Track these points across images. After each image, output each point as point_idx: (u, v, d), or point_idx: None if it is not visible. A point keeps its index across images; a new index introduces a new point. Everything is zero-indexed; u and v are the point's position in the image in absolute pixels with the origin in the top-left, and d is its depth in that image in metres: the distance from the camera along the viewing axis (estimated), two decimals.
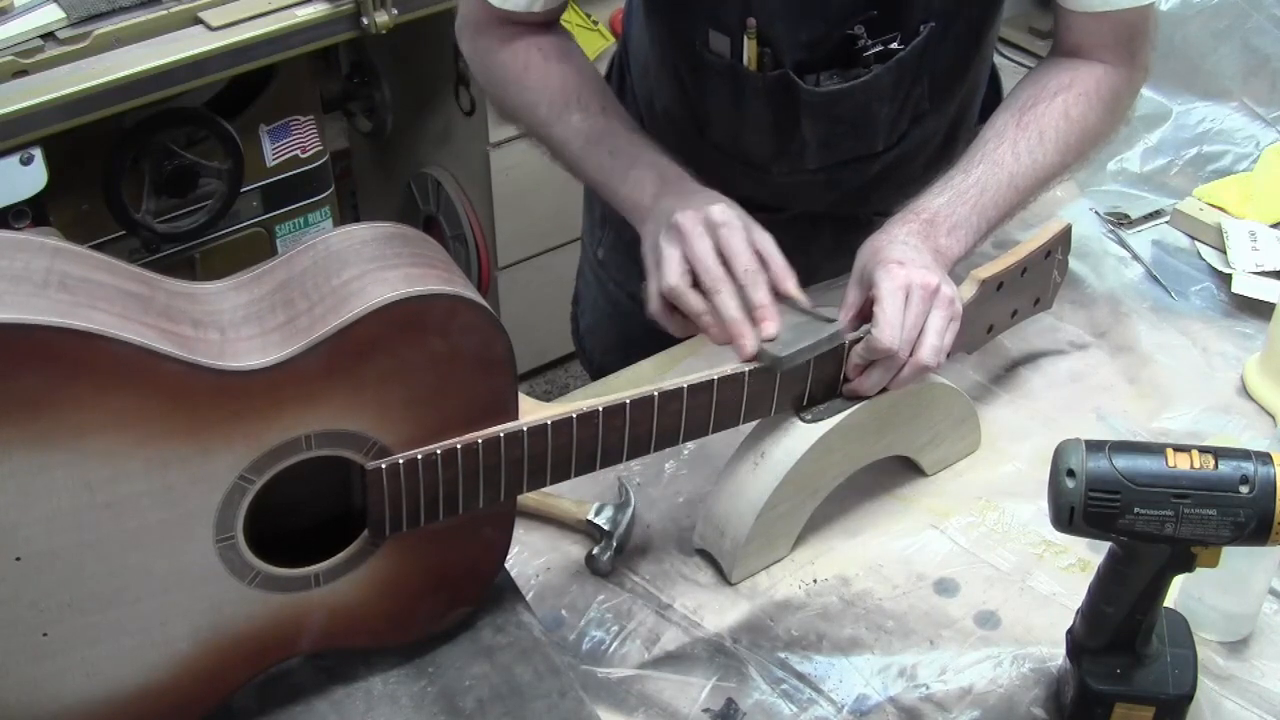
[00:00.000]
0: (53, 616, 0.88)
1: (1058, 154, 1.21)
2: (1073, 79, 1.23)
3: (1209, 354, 1.40)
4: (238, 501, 0.91)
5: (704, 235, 1.09)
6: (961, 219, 1.17)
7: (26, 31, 1.81)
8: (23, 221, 1.86)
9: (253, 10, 1.94)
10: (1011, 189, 1.20)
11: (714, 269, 1.08)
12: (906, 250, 1.12)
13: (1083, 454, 0.91)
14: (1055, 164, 1.22)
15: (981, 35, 1.31)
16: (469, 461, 0.97)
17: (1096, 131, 1.24)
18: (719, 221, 1.10)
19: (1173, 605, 1.04)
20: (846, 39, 1.21)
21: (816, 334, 1.08)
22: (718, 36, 1.24)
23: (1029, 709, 1.06)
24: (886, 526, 1.22)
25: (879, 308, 1.08)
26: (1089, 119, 1.22)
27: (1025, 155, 1.20)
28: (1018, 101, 1.24)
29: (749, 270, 1.08)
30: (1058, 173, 1.23)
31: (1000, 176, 1.19)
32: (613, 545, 1.17)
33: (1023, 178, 1.20)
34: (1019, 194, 1.21)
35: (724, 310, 1.07)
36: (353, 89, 2.57)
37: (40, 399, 0.82)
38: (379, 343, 0.90)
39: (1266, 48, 1.74)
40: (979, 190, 1.18)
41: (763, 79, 1.24)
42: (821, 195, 1.38)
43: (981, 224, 1.19)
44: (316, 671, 1.03)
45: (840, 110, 1.26)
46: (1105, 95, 1.23)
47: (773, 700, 1.07)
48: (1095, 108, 1.23)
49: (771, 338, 1.06)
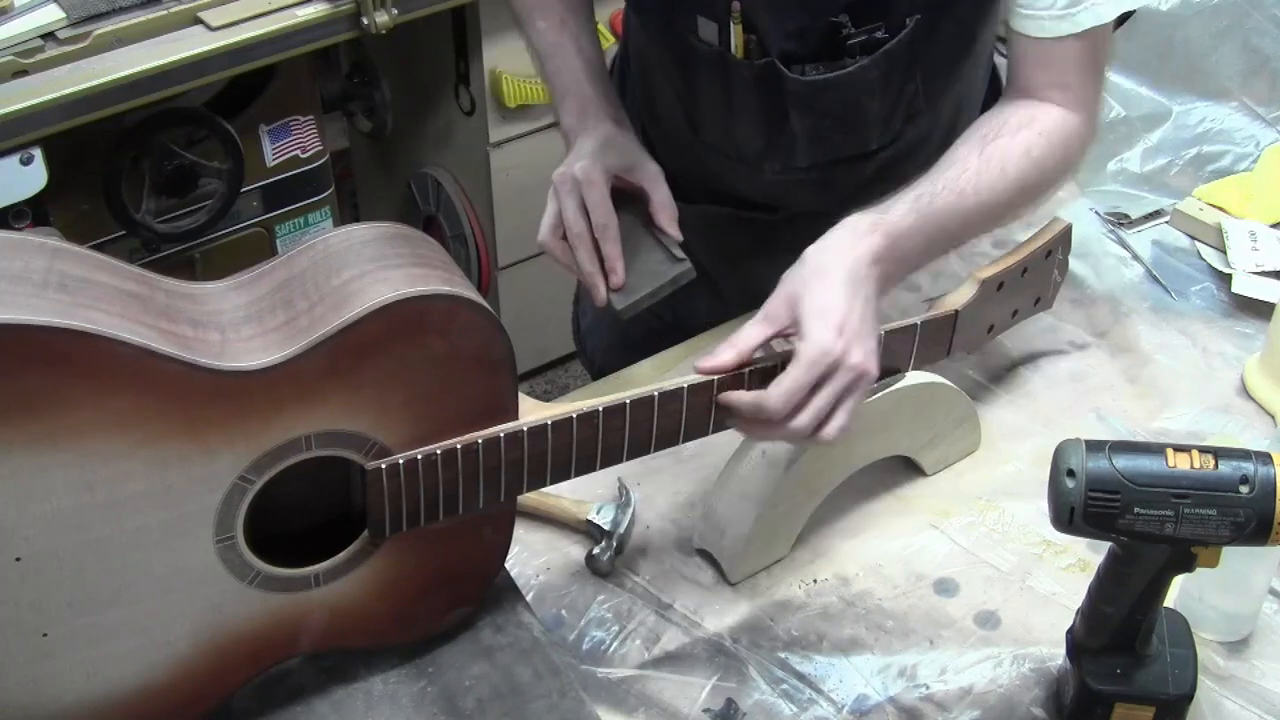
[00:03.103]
0: (53, 617, 0.88)
1: (1013, 194, 1.17)
2: (1033, 116, 1.19)
3: (1209, 354, 1.40)
4: (238, 502, 0.91)
5: (570, 193, 1.22)
6: (917, 248, 1.13)
7: (26, 31, 1.81)
8: (23, 221, 1.85)
9: (253, 10, 1.94)
10: (964, 225, 1.16)
11: (573, 225, 1.22)
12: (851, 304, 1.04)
13: (1083, 454, 0.91)
14: (1007, 204, 1.18)
15: (974, 34, 1.30)
16: (469, 462, 0.97)
17: (1052, 176, 1.20)
18: (581, 179, 1.21)
19: (1173, 605, 1.04)
20: (831, 27, 1.20)
21: (662, 278, 1.21)
22: (706, 23, 1.25)
23: (1029, 709, 1.06)
24: (886, 526, 1.22)
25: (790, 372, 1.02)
26: (1047, 162, 1.18)
27: (985, 191, 1.15)
28: (979, 132, 1.19)
29: (599, 225, 1.21)
30: (1006, 215, 1.20)
31: (958, 210, 1.14)
32: (613, 545, 1.17)
33: (978, 214, 1.16)
34: (968, 232, 1.18)
35: (579, 264, 1.22)
36: (353, 89, 2.57)
37: (40, 399, 0.82)
38: (379, 343, 0.90)
39: (1266, 48, 1.74)
40: (939, 222, 1.13)
41: (750, 67, 1.24)
42: (817, 195, 1.38)
43: (927, 257, 1.16)
44: (316, 671, 1.03)
45: (827, 103, 1.26)
46: (1064, 139, 1.19)
47: (773, 700, 1.07)
48: (1055, 150, 1.19)
49: (617, 287, 1.21)
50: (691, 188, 1.46)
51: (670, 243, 1.24)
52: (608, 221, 1.21)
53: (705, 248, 1.49)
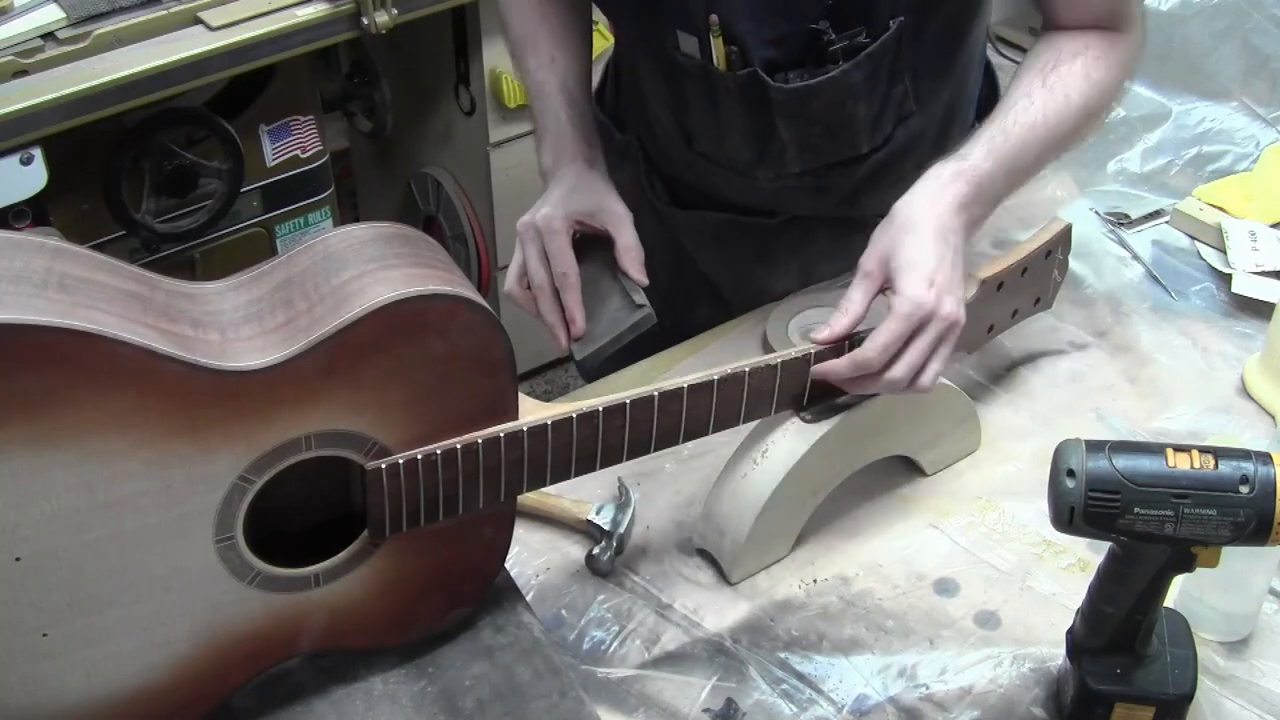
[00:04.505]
0: (53, 617, 0.88)
1: (1079, 119, 1.19)
2: (1085, 42, 1.21)
3: (1209, 354, 1.40)
4: (238, 502, 0.91)
5: (532, 241, 1.23)
6: (999, 187, 1.15)
7: (26, 31, 1.81)
8: (23, 221, 1.85)
9: (253, 10, 1.94)
10: (1037, 158, 1.18)
11: (535, 275, 1.23)
12: (941, 256, 1.08)
13: (1083, 454, 0.91)
14: (1074, 129, 1.20)
15: (963, 33, 1.30)
16: (469, 462, 0.97)
17: (1111, 98, 1.23)
18: (542, 228, 1.22)
19: (1173, 605, 1.04)
20: (812, 35, 1.20)
21: (621, 325, 1.19)
22: (686, 37, 1.24)
23: (1029, 709, 1.06)
24: (886, 526, 1.22)
25: (886, 325, 1.06)
26: (1106, 83, 1.20)
27: (1054, 120, 1.17)
28: (1038, 62, 1.21)
29: (559, 274, 1.21)
30: (1075, 141, 1.22)
31: (1031, 144, 1.16)
32: (613, 545, 1.17)
33: (1049, 144, 1.18)
34: (1040, 164, 1.19)
35: (541, 314, 1.23)
36: (353, 89, 2.57)
37: (40, 400, 0.82)
38: (379, 343, 0.90)
39: (1266, 48, 1.74)
40: (1016, 156, 1.15)
41: (733, 79, 1.23)
42: (811, 199, 1.38)
43: (1007, 192, 1.18)
44: (316, 671, 1.03)
45: (813, 110, 1.25)
46: (1118, 60, 1.21)
47: (773, 700, 1.07)
48: (1112, 71, 1.21)
49: (578, 335, 1.21)
50: (687, 195, 1.46)
51: (633, 288, 1.22)
52: (567, 270, 1.21)
53: (704, 252, 1.49)
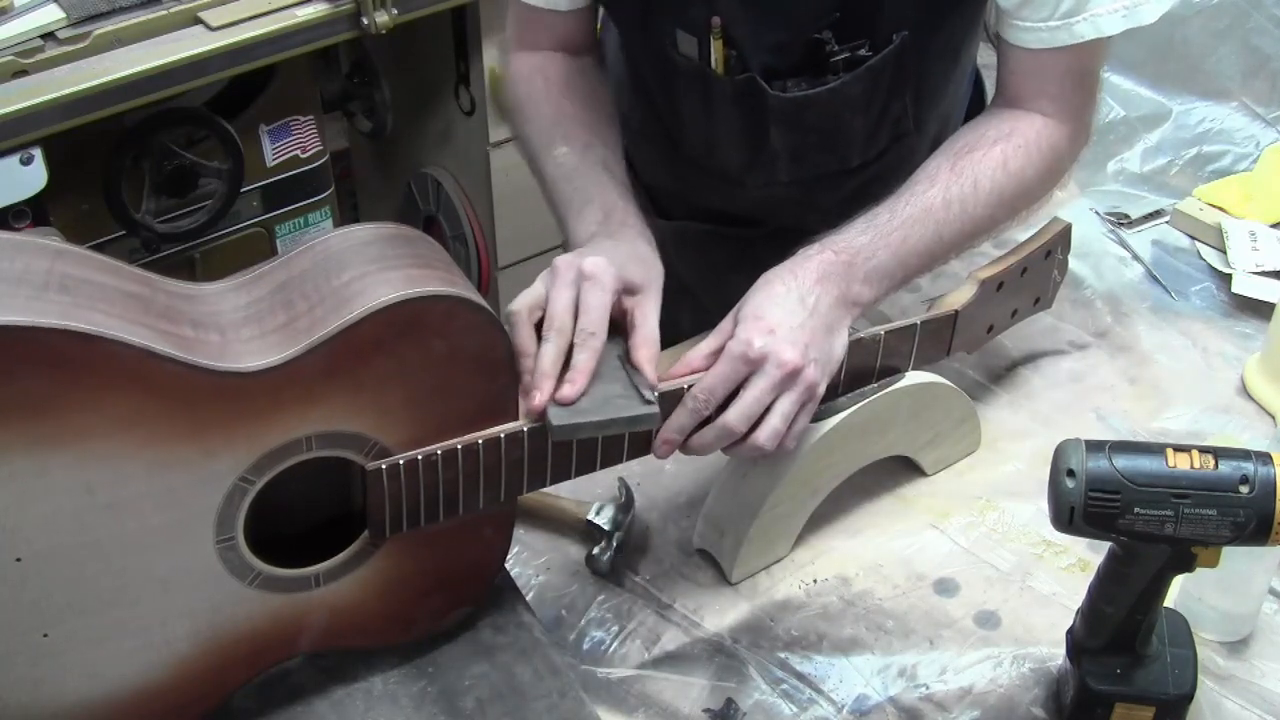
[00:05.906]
0: (53, 617, 0.89)
1: (990, 206, 1.16)
2: (1013, 129, 1.18)
3: (1209, 354, 1.40)
4: (238, 502, 0.91)
5: (569, 285, 1.04)
6: (881, 265, 1.11)
7: (26, 31, 1.81)
8: (23, 221, 1.85)
9: (253, 10, 1.94)
10: (937, 239, 1.14)
11: (557, 319, 1.03)
12: (792, 312, 1.05)
13: (1083, 454, 0.91)
14: (986, 217, 1.16)
15: (959, 49, 1.28)
16: (469, 462, 0.97)
17: (1032, 187, 1.19)
18: (587, 274, 1.04)
19: (1173, 605, 1.04)
20: (814, 44, 1.19)
21: (619, 411, 1.01)
22: (685, 37, 1.23)
23: (1029, 709, 1.06)
24: (886, 526, 1.22)
25: (714, 368, 1.02)
26: (1027, 173, 1.17)
27: (956, 204, 1.14)
28: (954, 146, 1.18)
29: (585, 331, 1.03)
30: (987, 227, 1.18)
31: (927, 225, 1.13)
32: (613, 545, 1.17)
33: (950, 228, 1.14)
34: (944, 246, 1.16)
35: (540, 357, 1.02)
36: (353, 89, 2.56)
37: (40, 401, 0.82)
38: (379, 344, 0.90)
39: (1266, 48, 1.75)
40: (903, 236, 1.12)
41: (730, 83, 1.22)
42: (798, 211, 1.36)
43: (900, 273, 1.13)
44: (316, 671, 1.03)
45: (809, 119, 1.24)
46: (1045, 150, 1.18)
47: (773, 700, 1.07)
48: (1034, 161, 1.17)
49: (566, 401, 1.00)
50: (671, 204, 1.45)
51: (642, 382, 1.04)
52: (596, 330, 1.03)
53: (686, 263, 1.48)
